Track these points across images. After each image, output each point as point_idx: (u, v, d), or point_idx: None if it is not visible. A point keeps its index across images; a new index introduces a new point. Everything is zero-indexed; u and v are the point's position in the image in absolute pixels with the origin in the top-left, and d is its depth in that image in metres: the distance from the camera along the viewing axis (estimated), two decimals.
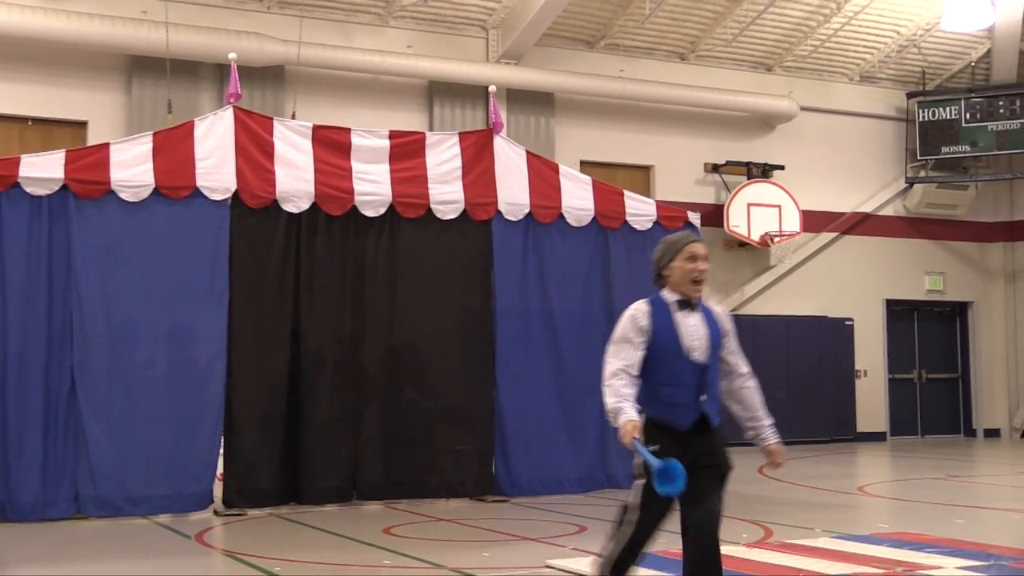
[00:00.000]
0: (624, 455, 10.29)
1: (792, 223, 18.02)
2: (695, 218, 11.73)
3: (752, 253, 18.25)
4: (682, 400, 4.73)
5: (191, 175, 9.71)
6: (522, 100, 16.69)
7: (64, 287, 9.29)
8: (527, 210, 10.94)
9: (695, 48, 18.03)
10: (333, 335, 10.20)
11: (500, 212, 10.84)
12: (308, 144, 10.24)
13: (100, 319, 9.34)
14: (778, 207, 17.96)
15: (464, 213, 10.71)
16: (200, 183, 9.73)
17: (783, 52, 18.57)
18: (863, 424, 18.83)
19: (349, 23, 15.86)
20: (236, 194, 9.87)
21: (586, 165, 16.50)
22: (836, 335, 18.65)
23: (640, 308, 4.83)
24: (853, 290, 19.10)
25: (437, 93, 16.19)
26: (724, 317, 4.99)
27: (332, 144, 10.35)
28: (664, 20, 17.22)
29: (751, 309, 17.92)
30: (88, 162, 9.49)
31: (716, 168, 18.15)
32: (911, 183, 19.60)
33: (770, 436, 4.96)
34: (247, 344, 9.83)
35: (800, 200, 18.15)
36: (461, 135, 11.01)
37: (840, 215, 19.18)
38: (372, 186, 10.37)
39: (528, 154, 11.21)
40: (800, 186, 18.36)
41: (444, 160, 10.72)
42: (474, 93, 16.20)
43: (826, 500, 10.96)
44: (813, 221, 18.61)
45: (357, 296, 10.34)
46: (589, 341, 10.95)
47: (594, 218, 11.21)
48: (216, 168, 9.81)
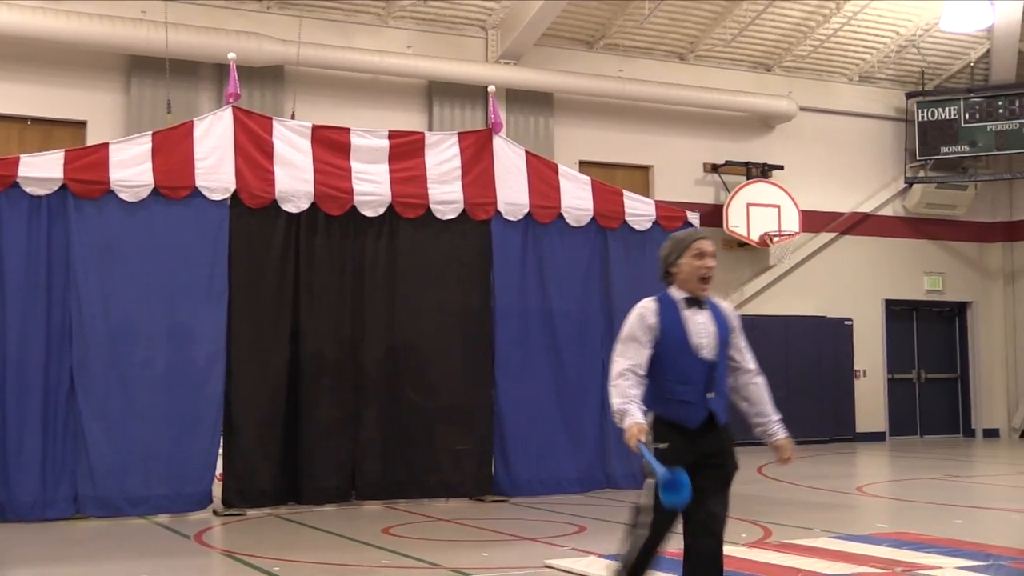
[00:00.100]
0: (623, 455, 10.32)
1: (791, 223, 18.02)
2: (694, 218, 11.73)
3: (751, 253, 18.24)
4: (691, 398, 4.68)
5: (190, 175, 9.71)
6: (521, 100, 16.69)
7: (63, 287, 9.28)
8: (526, 210, 10.94)
9: (694, 48, 18.03)
10: (332, 335, 10.20)
11: (499, 212, 10.84)
12: (307, 144, 10.24)
13: (99, 319, 9.33)
14: (777, 207, 17.96)
15: (463, 213, 10.71)
16: (199, 183, 9.73)
17: (782, 52, 18.56)
18: (862, 424, 18.83)
19: (348, 23, 15.85)
20: (235, 194, 9.86)
21: (585, 165, 16.50)
22: (835, 335, 18.65)
23: (648, 306, 4.78)
24: (852, 290, 19.10)
25: (436, 93, 16.19)
26: (732, 313, 4.93)
27: (331, 144, 10.35)
28: (663, 20, 17.21)
29: (750, 309, 17.89)
30: (87, 162, 9.49)
31: (715, 168, 18.15)
32: (910, 183, 19.60)
33: (778, 431, 4.88)
34: (246, 344, 9.83)
35: (799, 200, 18.16)
36: (460, 135, 11.00)
37: (839, 215, 19.18)
38: (371, 186, 10.36)
39: (527, 154, 11.21)
40: (799, 186, 18.36)
41: (443, 160, 10.72)
42: (473, 93, 16.19)
43: (825, 500, 10.96)
44: (812, 221, 18.61)
45: (356, 296, 10.33)
46: (588, 341, 11.00)
47: (593, 218, 11.21)
48: (215, 168, 9.81)
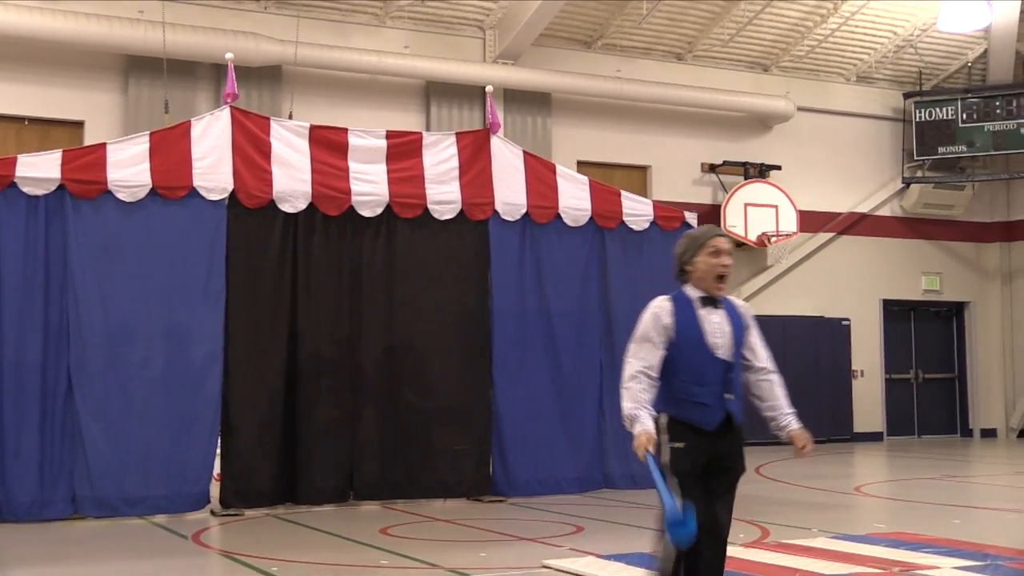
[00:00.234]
0: (621, 455, 10.30)
1: (789, 223, 18.03)
2: (692, 218, 11.73)
3: (749, 253, 18.24)
4: (707, 400, 4.58)
5: (188, 175, 9.70)
6: (519, 100, 16.69)
7: (61, 287, 9.27)
8: (524, 210, 10.94)
9: (692, 48, 18.03)
10: (330, 335, 10.19)
11: (497, 212, 10.83)
12: (305, 144, 10.24)
13: (97, 319, 9.32)
14: (775, 207, 17.97)
15: (461, 213, 10.70)
16: (197, 183, 9.72)
17: (780, 52, 18.57)
18: (860, 424, 18.84)
19: (346, 23, 15.85)
20: (233, 194, 9.85)
21: (583, 165, 16.50)
22: (833, 335, 18.65)
23: (663, 305, 4.66)
24: (850, 290, 19.11)
25: (434, 93, 16.18)
26: (746, 311, 4.82)
27: (329, 144, 10.34)
28: (661, 20, 17.22)
29: None
30: (85, 162, 9.48)
31: (713, 168, 18.15)
32: (908, 183, 19.61)
33: (792, 422, 4.74)
34: (244, 344, 9.82)
35: (797, 200, 18.17)
36: (458, 135, 11.00)
37: (837, 215, 19.19)
38: (369, 186, 10.36)
39: (525, 154, 11.21)
40: (797, 186, 18.36)
41: (441, 160, 10.71)
42: (471, 93, 16.19)
43: (823, 500, 10.96)
44: (810, 221, 18.62)
45: (354, 296, 10.33)
46: (586, 341, 11.00)
47: (591, 218, 11.20)
48: (213, 168, 9.80)
